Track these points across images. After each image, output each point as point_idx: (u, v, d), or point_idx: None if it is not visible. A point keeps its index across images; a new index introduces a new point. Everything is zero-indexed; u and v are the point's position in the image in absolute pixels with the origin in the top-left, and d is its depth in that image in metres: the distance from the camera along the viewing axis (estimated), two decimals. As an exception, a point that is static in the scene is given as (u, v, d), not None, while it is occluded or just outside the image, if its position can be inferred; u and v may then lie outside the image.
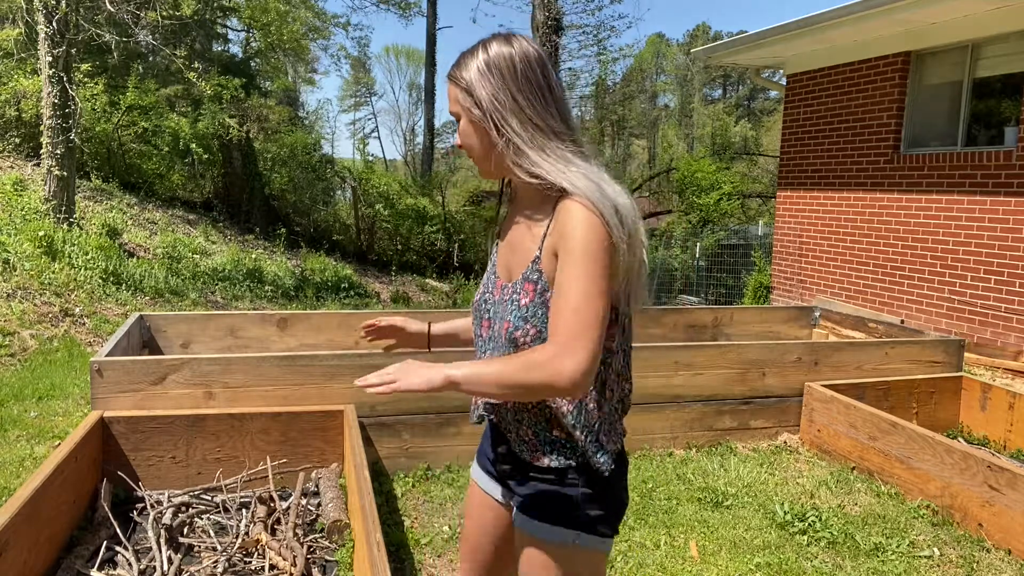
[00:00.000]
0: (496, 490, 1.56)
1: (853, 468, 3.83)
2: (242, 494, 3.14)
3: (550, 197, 1.34)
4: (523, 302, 1.34)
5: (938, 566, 2.90)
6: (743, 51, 8.37)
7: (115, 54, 12.36)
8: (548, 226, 1.33)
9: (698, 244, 13.34)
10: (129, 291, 8.05)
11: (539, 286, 1.33)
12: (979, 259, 6.32)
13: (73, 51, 9.07)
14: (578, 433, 1.35)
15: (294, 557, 2.61)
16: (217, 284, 9.78)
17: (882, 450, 3.65)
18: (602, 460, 1.37)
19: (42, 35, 8.52)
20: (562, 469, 1.38)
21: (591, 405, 1.36)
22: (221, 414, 3.26)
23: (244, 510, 3.05)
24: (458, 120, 1.39)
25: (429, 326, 1.68)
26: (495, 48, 1.36)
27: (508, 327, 1.35)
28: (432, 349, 1.71)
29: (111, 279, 8.02)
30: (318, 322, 4.85)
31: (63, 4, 8.41)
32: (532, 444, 1.41)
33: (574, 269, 1.23)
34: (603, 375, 1.37)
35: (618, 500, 1.45)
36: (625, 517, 3.21)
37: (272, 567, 2.61)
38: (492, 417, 1.49)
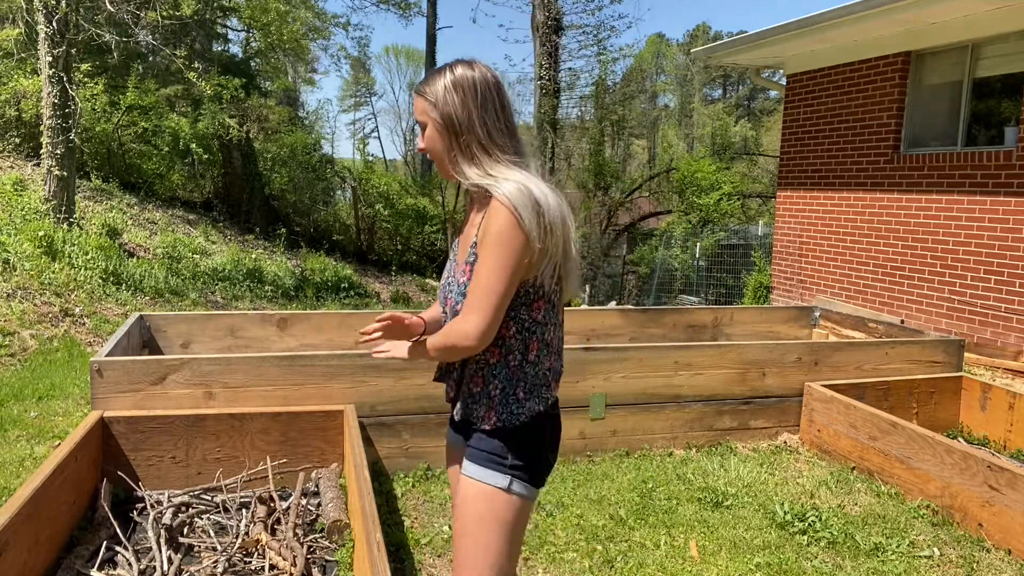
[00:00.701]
0: (456, 437, 1.82)
1: (853, 468, 3.83)
2: (242, 494, 3.14)
3: (490, 197, 1.61)
4: (462, 280, 1.63)
5: (938, 566, 2.90)
6: (743, 51, 8.37)
7: (115, 54, 12.35)
8: (483, 218, 1.61)
9: (698, 244, 13.34)
10: (129, 291, 8.05)
11: (475, 267, 1.60)
12: (979, 259, 6.32)
13: (73, 51, 9.07)
14: (495, 383, 1.63)
15: (294, 557, 2.61)
16: (217, 284, 9.79)
17: (882, 450, 3.65)
18: (514, 411, 1.63)
19: (42, 35, 8.52)
20: (490, 421, 1.64)
21: (513, 363, 1.63)
22: (221, 414, 3.26)
23: (244, 510, 3.05)
24: (423, 128, 1.66)
25: (424, 321, 1.85)
26: (459, 71, 1.62)
27: (452, 303, 1.66)
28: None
29: (111, 279, 8.02)
30: (318, 322, 4.85)
31: (63, 4, 8.41)
32: (474, 397, 1.67)
33: (485, 255, 1.54)
34: (527, 340, 1.63)
35: (536, 455, 1.67)
36: (625, 517, 3.21)
37: (272, 567, 2.61)
38: (447, 379, 1.76)
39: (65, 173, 8.89)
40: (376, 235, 17.44)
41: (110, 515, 2.82)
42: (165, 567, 2.57)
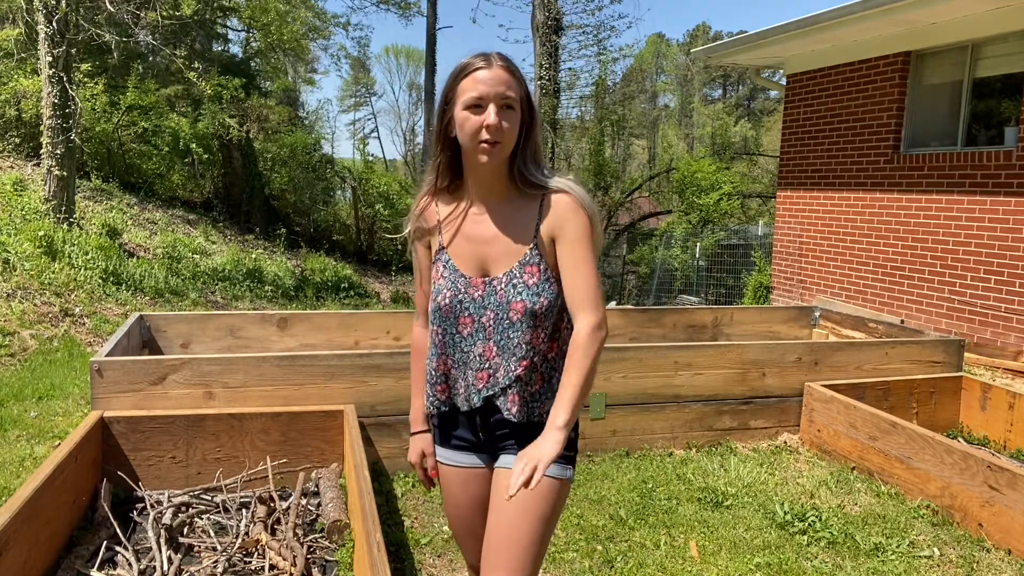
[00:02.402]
0: (477, 459, 1.73)
1: (853, 468, 3.83)
2: (242, 494, 3.14)
3: (533, 195, 1.62)
4: (531, 282, 1.59)
5: (938, 566, 2.90)
6: (743, 51, 8.37)
7: (115, 54, 12.35)
8: (539, 218, 1.61)
9: (698, 244, 13.34)
10: (129, 291, 8.05)
11: (542, 266, 1.60)
12: (979, 259, 6.32)
13: (73, 51, 9.07)
14: (556, 375, 1.64)
15: (294, 557, 2.61)
16: (217, 284, 9.78)
17: (882, 450, 3.65)
18: None
19: (42, 35, 8.52)
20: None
21: (565, 353, 1.61)
22: (221, 414, 3.26)
23: (244, 510, 3.05)
24: (505, 107, 1.53)
25: (430, 425, 1.82)
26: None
27: (523, 305, 1.58)
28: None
29: (111, 279, 8.02)
30: (318, 322, 4.85)
31: (63, 4, 8.41)
32: (536, 396, 1.63)
33: (578, 250, 1.57)
34: (570, 329, 1.62)
35: (576, 438, 1.70)
36: (625, 517, 3.21)
37: (272, 567, 2.61)
38: (504, 394, 1.63)
39: (65, 173, 8.89)
40: (376, 235, 17.43)
41: (110, 515, 2.82)
42: (165, 567, 2.57)
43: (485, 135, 1.51)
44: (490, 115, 1.50)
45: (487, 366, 1.62)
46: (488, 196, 1.63)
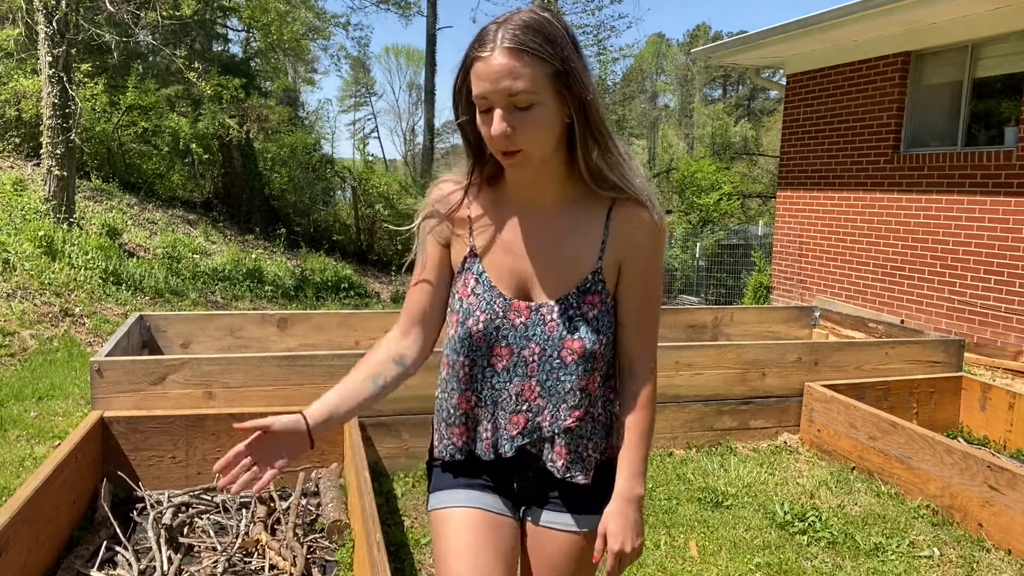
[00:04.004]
0: (504, 506, 1.40)
1: (853, 468, 3.83)
2: (242, 494, 3.14)
3: (600, 200, 1.29)
4: (591, 315, 1.29)
5: (938, 566, 2.90)
6: (743, 51, 8.37)
7: (115, 54, 12.35)
8: (606, 233, 1.29)
9: (698, 244, 13.34)
10: (129, 291, 8.05)
11: (603, 296, 1.30)
12: (979, 259, 6.32)
13: (73, 51, 9.06)
14: (606, 414, 1.39)
15: (294, 557, 2.61)
16: (217, 284, 9.78)
17: (882, 450, 3.65)
18: (619, 438, 1.39)
19: (42, 35, 8.52)
20: (609, 455, 1.40)
21: (616, 389, 1.41)
22: (221, 414, 3.26)
23: (244, 510, 3.05)
24: (514, 107, 1.17)
25: (304, 418, 1.27)
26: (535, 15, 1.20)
27: (584, 344, 1.28)
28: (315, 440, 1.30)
29: (111, 279, 8.02)
30: (318, 322, 4.85)
31: (63, 4, 8.41)
32: (589, 443, 1.35)
33: (656, 286, 1.32)
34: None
35: None
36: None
37: (272, 567, 2.61)
38: (530, 446, 1.35)
39: (65, 173, 8.88)
40: (376, 235, 17.43)
41: (110, 515, 2.81)
42: (165, 567, 2.57)
43: (496, 146, 1.21)
44: (494, 123, 1.17)
45: (525, 408, 1.32)
46: (537, 201, 1.31)
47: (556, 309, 1.29)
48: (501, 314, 1.30)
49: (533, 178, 1.28)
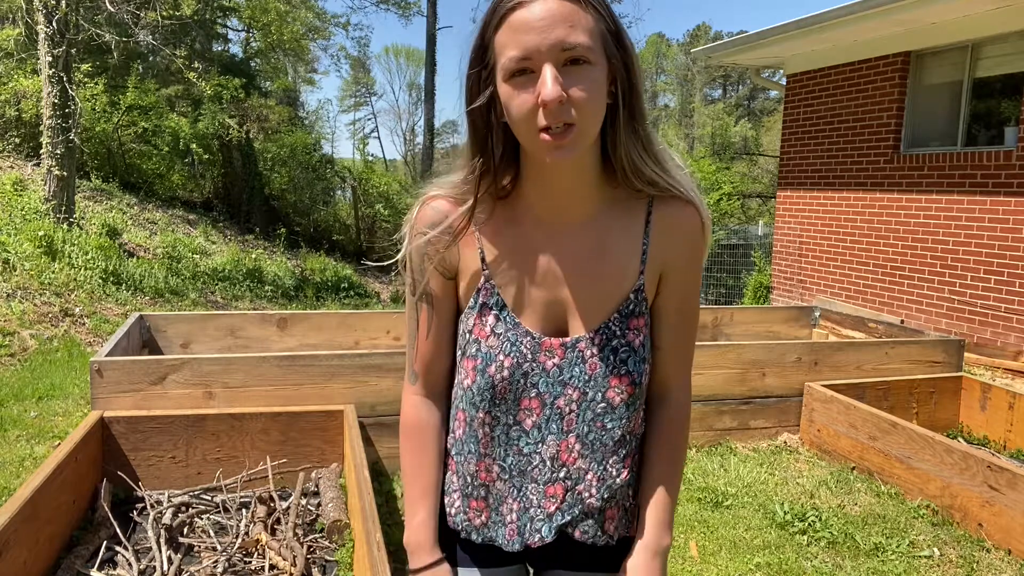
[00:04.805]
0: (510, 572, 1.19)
1: (853, 468, 3.83)
2: (242, 494, 3.14)
3: (636, 199, 1.05)
4: (637, 343, 1.05)
5: (938, 566, 2.90)
6: (743, 51, 8.37)
7: (115, 54, 12.36)
8: (646, 239, 1.05)
9: (698, 244, 13.31)
10: (129, 291, 8.05)
11: (647, 317, 1.07)
12: (979, 259, 6.32)
13: (73, 51, 9.07)
14: (636, 457, 1.15)
15: (294, 557, 2.61)
16: (217, 284, 9.79)
17: (882, 450, 3.65)
18: None
19: (42, 35, 8.52)
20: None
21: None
22: (221, 414, 3.26)
23: (244, 510, 3.05)
24: (571, 62, 0.92)
25: (446, 560, 1.13)
26: None
27: (632, 380, 1.04)
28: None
29: (111, 279, 8.02)
30: (318, 322, 4.85)
31: (63, 4, 8.41)
32: (632, 508, 1.14)
33: (694, 300, 1.09)
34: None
35: None
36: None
37: (272, 567, 2.61)
38: (572, 524, 1.10)
39: (65, 173, 8.88)
40: (376, 235, 17.43)
41: (110, 515, 2.82)
42: (165, 567, 2.57)
43: (542, 119, 0.91)
44: (546, 83, 0.89)
45: (563, 475, 1.06)
46: (567, 207, 1.04)
47: (595, 341, 1.04)
48: (530, 357, 1.04)
49: (575, 171, 1.01)
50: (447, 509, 1.15)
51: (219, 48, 17.55)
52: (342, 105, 49.99)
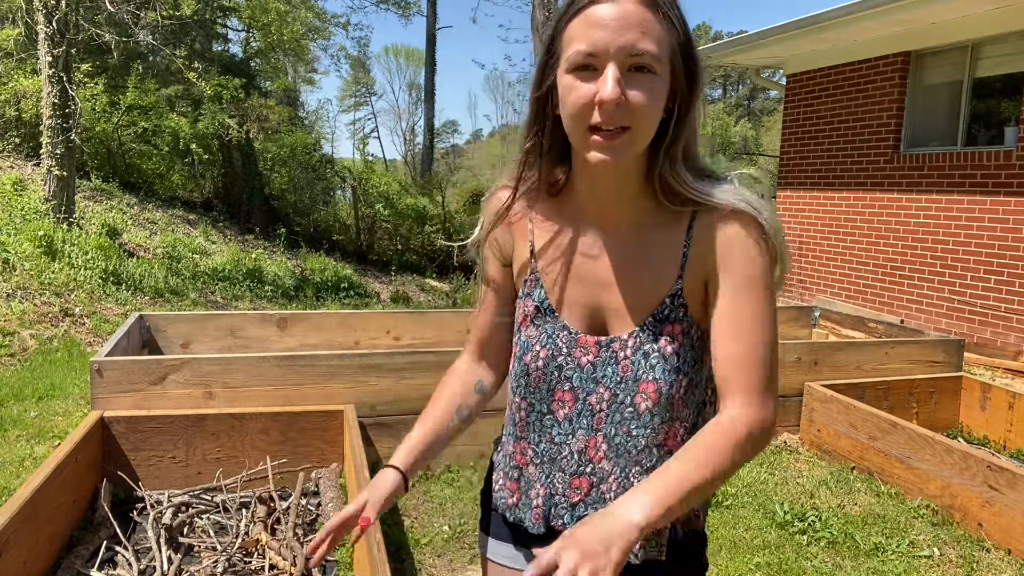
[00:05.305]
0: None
1: (853, 468, 3.83)
2: (242, 494, 3.14)
3: (680, 212, 1.04)
4: (670, 350, 1.03)
5: (938, 566, 2.90)
6: (743, 51, 8.37)
7: (115, 54, 12.36)
8: (686, 248, 1.04)
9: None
10: (129, 291, 8.05)
11: (686, 324, 1.05)
12: (979, 259, 6.32)
13: (73, 51, 9.07)
14: None
15: (294, 557, 2.61)
16: (217, 284, 9.78)
17: (882, 450, 3.65)
18: (708, 499, 1.14)
19: (42, 35, 8.52)
20: (698, 522, 1.14)
21: None
22: (221, 414, 3.26)
23: (244, 510, 3.05)
24: (636, 69, 0.93)
25: (404, 476, 1.15)
26: None
27: (659, 387, 1.03)
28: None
29: (111, 279, 8.02)
30: (318, 322, 4.85)
31: (63, 4, 8.41)
32: (661, 531, 1.08)
33: (753, 305, 1.00)
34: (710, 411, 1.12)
35: None
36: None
37: (272, 567, 2.61)
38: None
39: (65, 173, 8.88)
40: (376, 235, 17.43)
41: (110, 515, 2.82)
42: (165, 567, 2.57)
43: (596, 117, 0.93)
44: (607, 83, 0.92)
45: (589, 470, 1.08)
46: (611, 211, 1.07)
47: (630, 344, 1.04)
48: (565, 351, 1.08)
49: (620, 175, 1.02)
50: (493, 485, 1.22)
51: (219, 48, 17.55)
52: (342, 105, 50.02)
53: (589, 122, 0.94)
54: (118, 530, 2.75)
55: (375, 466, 3.54)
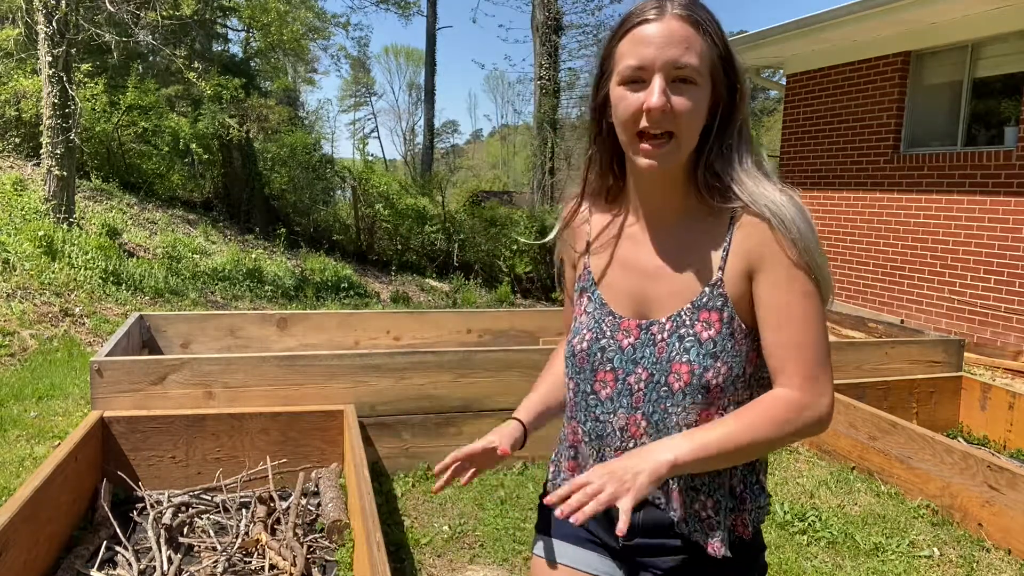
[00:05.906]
0: (615, 567, 1.25)
1: (853, 468, 3.83)
2: (242, 494, 3.14)
3: (722, 211, 1.12)
4: (705, 335, 1.10)
5: (938, 566, 2.90)
6: (743, 51, 8.36)
7: (115, 54, 12.36)
8: (728, 243, 1.11)
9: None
10: (129, 291, 8.05)
11: (726, 314, 1.10)
12: (979, 259, 6.32)
13: (73, 51, 9.06)
14: (739, 470, 1.17)
15: (294, 557, 2.61)
16: (217, 284, 9.78)
17: (882, 450, 3.65)
18: (762, 503, 1.19)
19: (42, 35, 8.52)
20: (745, 528, 1.18)
21: None
22: (221, 414, 3.26)
23: (244, 510, 3.05)
24: (680, 80, 1.05)
25: (525, 429, 1.31)
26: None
27: (692, 369, 1.09)
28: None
29: (111, 279, 8.02)
30: (318, 322, 4.85)
31: (63, 4, 8.41)
32: (708, 521, 1.15)
33: (792, 297, 1.06)
34: None
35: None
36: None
37: (272, 567, 2.61)
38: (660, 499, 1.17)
39: (65, 173, 8.88)
40: (376, 235, 17.43)
41: (110, 515, 2.82)
42: (165, 567, 2.57)
43: (644, 122, 1.05)
44: (653, 92, 1.03)
45: (631, 445, 1.14)
46: (659, 211, 1.17)
47: (668, 327, 1.12)
48: (608, 333, 1.17)
49: (667, 177, 1.12)
50: (549, 477, 1.32)
51: (219, 48, 17.55)
52: (342, 105, 50.03)
53: (638, 128, 1.05)
54: (118, 530, 2.75)
55: (375, 466, 3.54)
